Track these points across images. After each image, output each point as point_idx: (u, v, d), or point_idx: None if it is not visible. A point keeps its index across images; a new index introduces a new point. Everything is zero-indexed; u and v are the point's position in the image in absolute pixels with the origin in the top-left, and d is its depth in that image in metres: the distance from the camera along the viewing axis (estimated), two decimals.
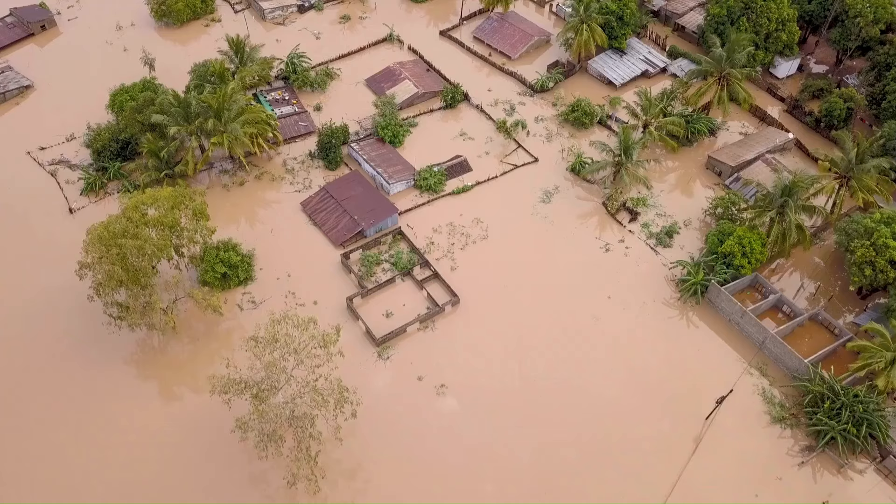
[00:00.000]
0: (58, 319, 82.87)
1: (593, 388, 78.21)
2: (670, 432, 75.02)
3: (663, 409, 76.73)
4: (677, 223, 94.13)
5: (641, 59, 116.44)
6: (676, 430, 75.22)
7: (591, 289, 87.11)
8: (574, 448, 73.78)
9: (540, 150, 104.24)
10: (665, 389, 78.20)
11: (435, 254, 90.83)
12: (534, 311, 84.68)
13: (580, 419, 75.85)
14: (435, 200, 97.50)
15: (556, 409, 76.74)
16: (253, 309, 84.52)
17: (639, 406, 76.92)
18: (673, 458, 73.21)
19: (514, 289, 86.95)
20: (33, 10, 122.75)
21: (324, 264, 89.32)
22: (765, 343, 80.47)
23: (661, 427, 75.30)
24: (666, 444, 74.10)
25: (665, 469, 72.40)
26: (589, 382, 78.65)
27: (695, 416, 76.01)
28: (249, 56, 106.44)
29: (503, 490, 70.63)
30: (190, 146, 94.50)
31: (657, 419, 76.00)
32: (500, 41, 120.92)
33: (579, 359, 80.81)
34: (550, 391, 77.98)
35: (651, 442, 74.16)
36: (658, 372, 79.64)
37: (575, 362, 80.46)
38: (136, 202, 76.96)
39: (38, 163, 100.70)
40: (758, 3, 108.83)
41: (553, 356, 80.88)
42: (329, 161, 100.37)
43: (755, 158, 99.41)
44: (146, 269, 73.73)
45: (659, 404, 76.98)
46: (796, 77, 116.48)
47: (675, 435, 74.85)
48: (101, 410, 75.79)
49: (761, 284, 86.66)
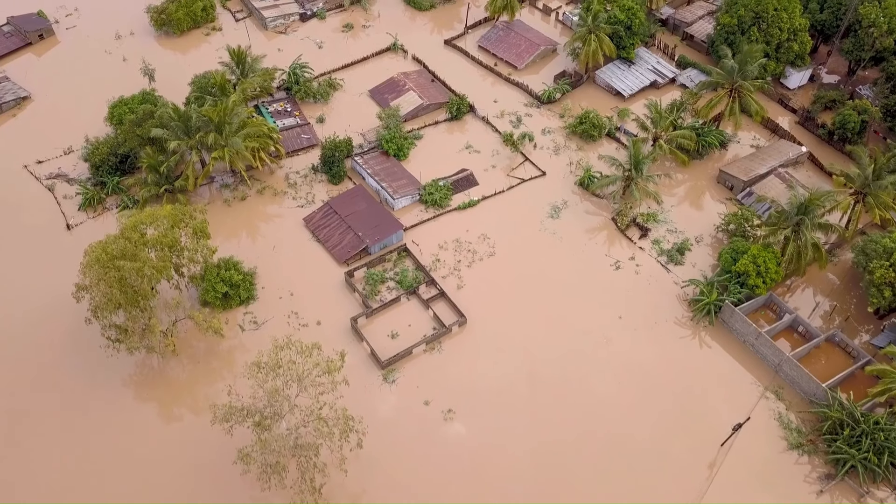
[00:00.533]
0: (54, 341, 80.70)
1: (605, 414, 76.02)
2: (685, 459, 72.84)
3: (678, 434, 74.57)
4: (689, 240, 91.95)
5: (650, 70, 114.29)
6: (691, 456, 73.05)
7: (602, 308, 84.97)
8: (586, 476, 71.59)
9: (547, 164, 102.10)
10: (679, 414, 76.05)
11: (441, 271, 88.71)
12: (543, 332, 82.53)
13: (592, 446, 73.70)
14: (441, 216, 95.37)
15: (566, 433, 74.59)
16: (255, 330, 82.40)
17: (652, 432, 74.75)
18: (688, 486, 71.06)
19: (522, 308, 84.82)
20: (31, 18, 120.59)
21: (327, 282, 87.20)
22: (780, 365, 78.34)
23: (675, 454, 73.13)
24: (681, 471, 71.94)
25: (680, 498, 70.22)
26: (600, 408, 76.45)
27: (710, 442, 73.84)
28: (251, 67, 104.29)
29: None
30: (190, 160, 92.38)
31: (671, 445, 73.84)
32: (505, 50, 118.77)
33: (590, 382, 78.65)
34: (561, 416, 75.81)
35: (665, 470, 72.00)
36: (671, 396, 77.51)
37: (586, 386, 78.30)
38: (135, 222, 74.84)
39: (35, 177, 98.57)
40: (769, 13, 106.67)
41: (563, 379, 78.72)
42: (332, 175, 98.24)
43: (768, 173, 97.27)
44: (145, 291, 71.63)
45: (673, 430, 74.81)
46: (808, 87, 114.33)
47: (690, 462, 72.69)
48: (97, 439, 73.61)
49: (776, 304, 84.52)
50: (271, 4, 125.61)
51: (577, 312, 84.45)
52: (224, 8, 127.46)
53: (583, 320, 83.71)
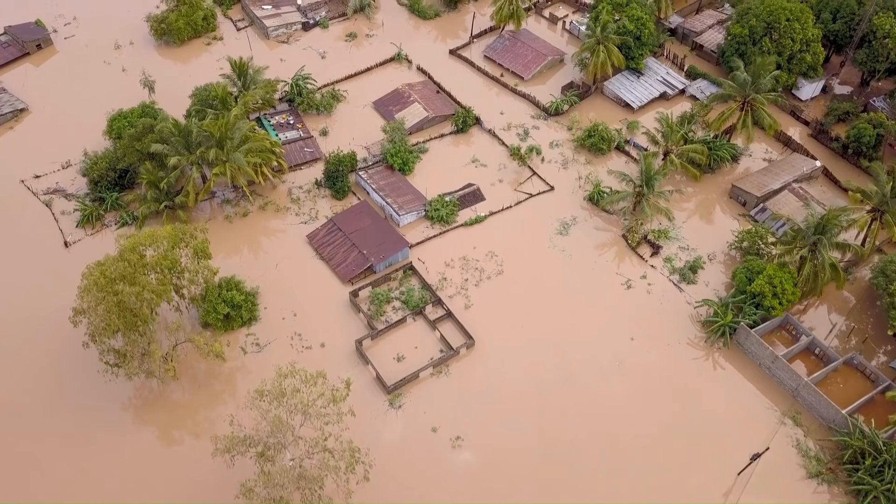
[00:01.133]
0: (50, 364, 78.51)
1: (618, 440, 73.84)
2: (700, 488, 70.61)
3: (692, 461, 72.39)
4: (701, 257, 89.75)
5: (659, 81, 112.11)
6: (707, 485, 70.83)
7: (614, 329, 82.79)
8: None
9: (556, 178, 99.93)
10: (694, 440, 73.87)
11: (448, 290, 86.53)
12: (553, 354, 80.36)
13: (604, 474, 71.48)
14: (447, 232, 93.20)
15: (578, 459, 72.43)
16: (257, 352, 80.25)
17: (666, 458, 72.55)
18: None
19: (531, 329, 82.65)
20: (29, 28, 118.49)
21: (331, 302, 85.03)
22: (798, 390, 76.17)
23: (690, 483, 70.91)
24: (696, 500, 69.69)
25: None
26: (613, 433, 74.27)
27: (726, 469, 71.59)
28: (252, 79, 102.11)
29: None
30: (190, 176, 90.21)
31: (686, 472, 71.65)
32: (512, 61, 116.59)
33: (602, 407, 76.45)
34: (572, 443, 73.65)
35: (680, 499, 69.74)
36: (686, 421, 75.32)
37: (598, 411, 76.09)
38: (134, 243, 72.65)
39: (33, 192, 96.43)
40: (781, 23, 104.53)
41: (575, 404, 76.52)
42: (336, 190, 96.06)
43: (781, 188, 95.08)
44: (144, 315, 69.48)
45: (688, 458, 72.63)
46: (820, 99, 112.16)
47: (705, 491, 70.45)
48: (94, 468, 71.45)
49: (792, 325, 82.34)
50: (273, 13, 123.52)
51: (588, 334, 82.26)
52: (225, 17, 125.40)
53: (594, 342, 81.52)
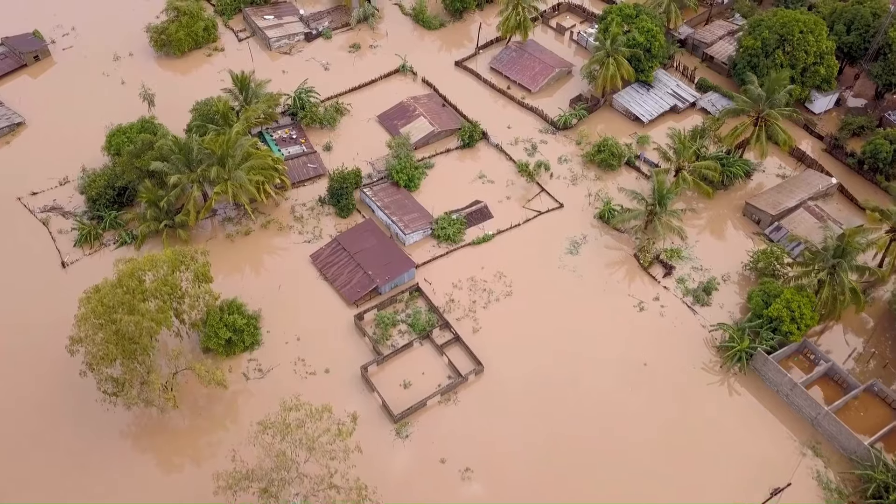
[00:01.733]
0: (46, 390, 76.20)
1: (633, 471, 71.49)
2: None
3: (710, 494, 70.00)
4: (715, 278, 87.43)
5: (670, 93, 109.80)
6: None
7: (627, 354, 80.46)
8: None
9: (565, 195, 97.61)
10: (711, 470, 71.61)
11: (455, 313, 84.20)
12: (565, 381, 78.06)
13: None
14: (454, 251, 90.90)
15: (591, 490, 70.02)
16: (260, 378, 77.94)
17: (682, 490, 70.19)
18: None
19: (542, 354, 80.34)
20: (26, 39, 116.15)
21: (336, 325, 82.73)
22: (818, 419, 73.86)
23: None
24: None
25: None
26: (628, 465, 71.91)
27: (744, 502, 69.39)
28: (254, 93, 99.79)
29: None
30: (191, 194, 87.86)
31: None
32: (519, 73, 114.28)
33: (616, 435, 74.17)
34: (586, 472, 71.35)
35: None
36: (703, 451, 73.06)
37: (611, 439, 73.82)
38: (133, 268, 70.35)
39: (29, 210, 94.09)
40: (795, 36, 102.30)
41: (587, 432, 74.28)
42: (340, 208, 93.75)
43: (797, 206, 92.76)
44: (144, 344, 67.18)
45: (706, 489, 70.29)
46: (833, 112, 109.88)
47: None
48: (92, 496, 68.96)
49: (810, 349, 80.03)
50: (275, 24, 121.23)
51: (600, 359, 79.93)
52: (227, 27, 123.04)
53: (607, 368, 79.21)
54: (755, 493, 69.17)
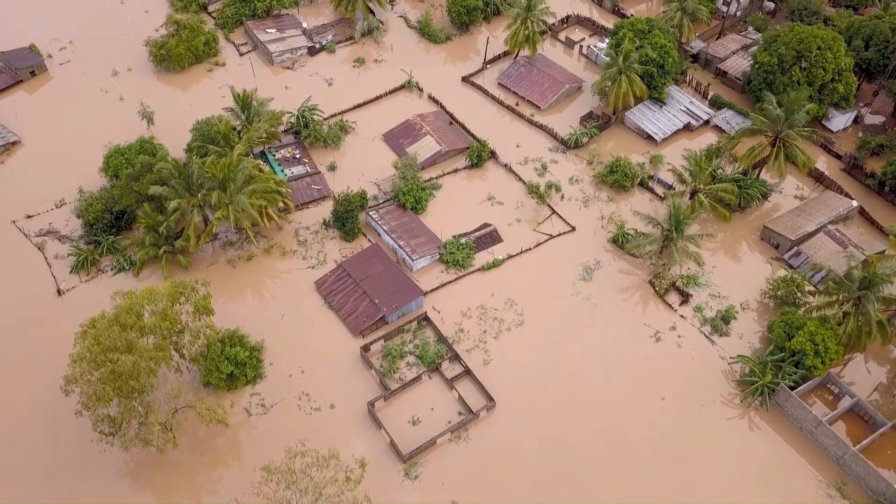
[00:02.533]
0: (38, 427, 73.27)
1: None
2: None
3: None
4: (734, 307, 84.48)
5: (683, 111, 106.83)
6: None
7: (643, 388, 77.59)
8: None
9: (576, 217, 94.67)
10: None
11: (465, 343, 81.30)
12: (580, 417, 75.16)
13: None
14: (463, 277, 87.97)
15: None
16: (263, 414, 75.03)
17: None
18: None
19: (556, 388, 77.46)
20: (22, 54, 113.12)
21: (341, 357, 79.80)
22: (844, 458, 70.95)
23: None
24: None
25: None
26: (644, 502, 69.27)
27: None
28: (256, 111, 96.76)
29: None
30: (191, 219, 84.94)
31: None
32: (527, 89, 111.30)
33: (632, 474, 71.30)
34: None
35: None
36: (726, 493, 70.09)
37: (627, 479, 70.92)
38: (131, 304, 67.43)
39: (25, 233, 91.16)
40: (812, 52, 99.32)
41: (604, 472, 71.40)
42: (346, 232, 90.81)
43: (816, 230, 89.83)
44: (142, 385, 64.23)
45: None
46: (851, 129, 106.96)
47: None
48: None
49: (833, 383, 77.12)
50: (277, 37, 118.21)
51: (616, 393, 77.06)
52: (228, 41, 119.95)
53: (623, 403, 76.33)
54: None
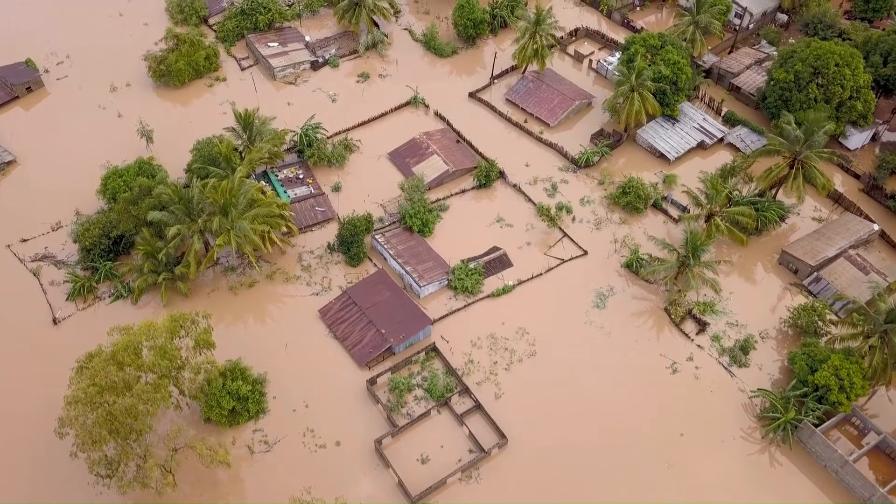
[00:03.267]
0: (31, 470, 70.36)
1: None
2: None
3: None
4: (752, 336, 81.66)
5: (696, 128, 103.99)
6: None
7: (661, 424, 74.76)
8: None
9: (588, 240, 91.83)
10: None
11: (475, 376, 78.49)
12: (596, 455, 72.35)
13: None
14: (472, 305, 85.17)
15: None
16: (266, 451, 72.23)
17: None
18: None
19: (570, 424, 74.66)
20: (18, 69, 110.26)
21: (347, 391, 76.97)
22: (871, 500, 68.14)
23: None
24: None
25: None
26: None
27: None
28: (259, 131, 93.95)
29: None
30: (191, 245, 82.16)
31: None
32: (536, 106, 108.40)
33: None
34: None
35: None
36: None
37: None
38: (128, 342, 64.60)
39: (19, 258, 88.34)
40: (830, 69, 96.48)
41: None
42: (351, 256, 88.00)
43: (837, 255, 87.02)
44: (140, 427, 61.43)
45: None
46: (868, 147, 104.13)
47: None
48: None
49: (858, 418, 74.30)
50: (280, 51, 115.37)
51: (634, 431, 74.16)
52: (229, 55, 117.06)
53: (641, 441, 73.46)
54: None
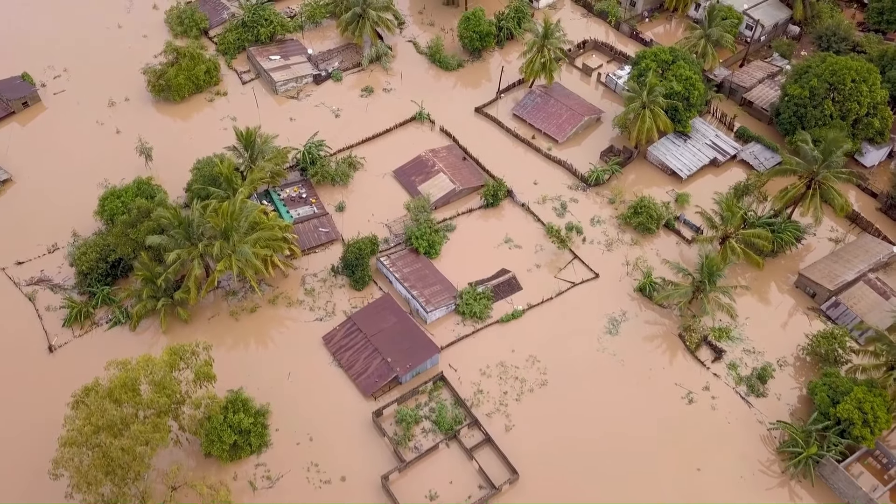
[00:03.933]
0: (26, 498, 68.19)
1: None
2: None
3: None
4: (770, 364, 79.19)
5: (708, 145, 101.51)
6: None
7: (677, 458, 72.25)
8: None
9: (599, 262, 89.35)
10: None
11: (485, 406, 76.00)
12: (610, 492, 69.78)
13: None
14: (480, 330, 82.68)
15: None
16: (269, 487, 69.74)
17: None
18: None
19: (583, 457, 72.16)
20: (14, 84, 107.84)
21: (352, 423, 74.49)
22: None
23: None
24: None
25: None
26: None
27: None
28: (261, 150, 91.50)
29: None
30: (191, 270, 79.66)
31: None
32: (544, 121, 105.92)
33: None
34: None
35: None
36: None
37: None
38: (125, 378, 62.11)
39: (14, 282, 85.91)
40: (846, 85, 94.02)
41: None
42: (356, 280, 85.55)
43: (856, 279, 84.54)
44: (137, 469, 58.96)
45: None
46: (884, 164, 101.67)
47: None
48: None
49: (881, 451, 71.81)
50: (281, 65, 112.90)
51: (648, 465, 71.66)
52: (230, 69, 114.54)
53: (656, 476, 70.94)
54: None
